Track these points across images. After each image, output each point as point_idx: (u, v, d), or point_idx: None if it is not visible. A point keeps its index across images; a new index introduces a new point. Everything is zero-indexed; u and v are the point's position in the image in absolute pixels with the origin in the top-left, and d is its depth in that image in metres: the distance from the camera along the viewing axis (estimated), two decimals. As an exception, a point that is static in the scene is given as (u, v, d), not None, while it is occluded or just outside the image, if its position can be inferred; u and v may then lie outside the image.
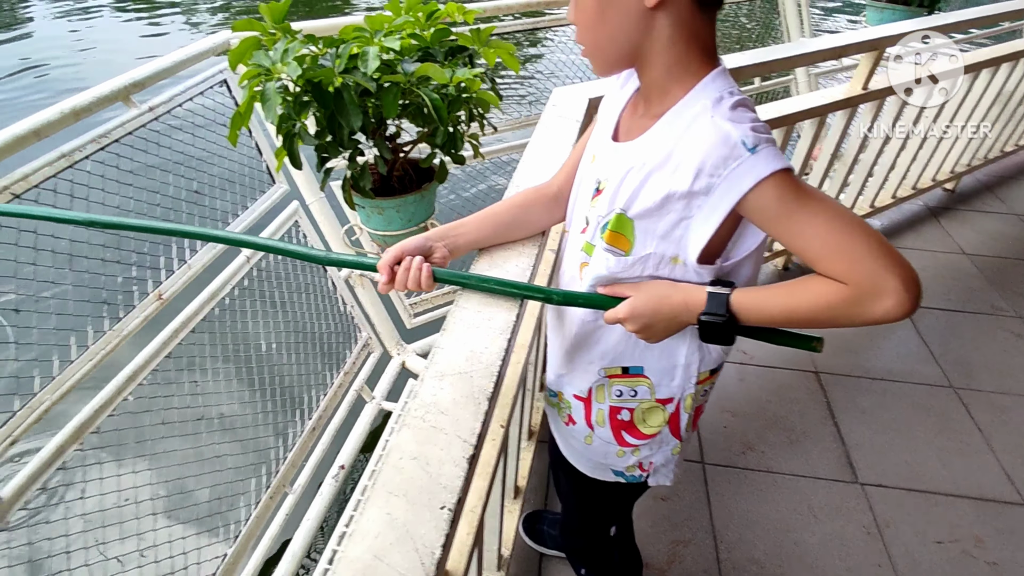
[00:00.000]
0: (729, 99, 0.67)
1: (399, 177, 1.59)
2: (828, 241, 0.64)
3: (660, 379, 0.87)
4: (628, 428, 0.94)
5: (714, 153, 0.64)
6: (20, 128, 1.20)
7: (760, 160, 0.63)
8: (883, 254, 0.63)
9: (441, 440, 0.54)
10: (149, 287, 1.40)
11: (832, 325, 0.67)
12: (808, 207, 0.64)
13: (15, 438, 1.11)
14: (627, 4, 0.66)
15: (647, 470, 0.99)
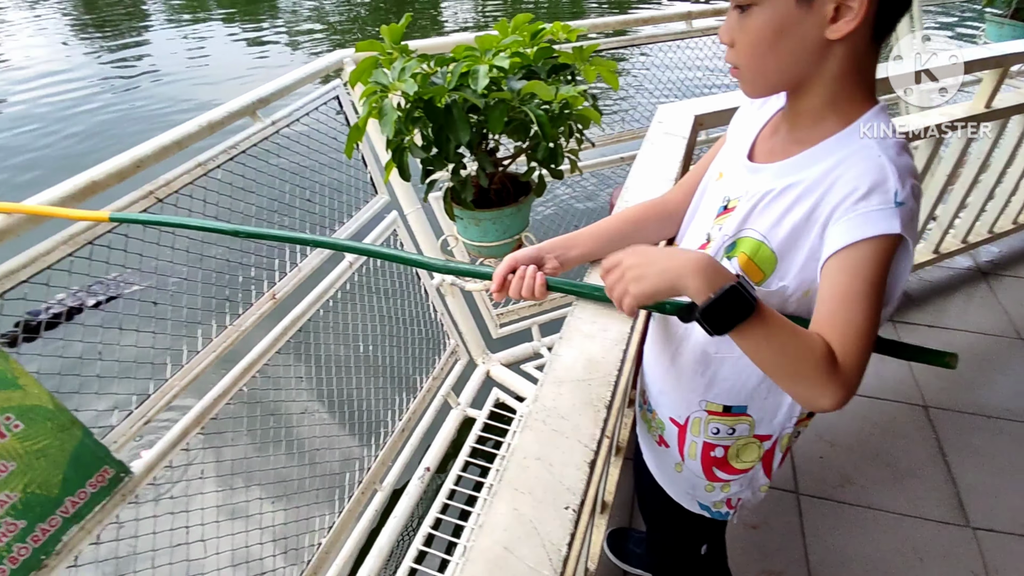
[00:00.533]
0: (894, 141, 0.66)
1: (497, 190, 1.63)
2: (848, 316, 0.63)
3: (763, 416, 0.85)
4: (720, 464, 0.92)
5: (870, 192, 0.64)
6: (166, 139, 1.33)
7: (895, 216, 0.63)
8: (865, 356, 0.63)
9: (563, 444, 0.56)
10: (265, 287, 1.51)
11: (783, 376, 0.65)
12: (869, 282, 0.63)
13: (148, 419, 1.22)
14: (805, 34, 0.64)
15: (734, 507, 0.97)
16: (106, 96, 6.46)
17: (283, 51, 7.84)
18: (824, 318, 0.65)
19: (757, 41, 0.67)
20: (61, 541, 1.06)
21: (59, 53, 8.10)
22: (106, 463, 1.12)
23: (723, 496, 0.96)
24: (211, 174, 1.45)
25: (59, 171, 1.13)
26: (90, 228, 1.16)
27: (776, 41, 0.66)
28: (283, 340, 1.52)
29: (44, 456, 1.04)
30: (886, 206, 0.63)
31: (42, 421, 1.05)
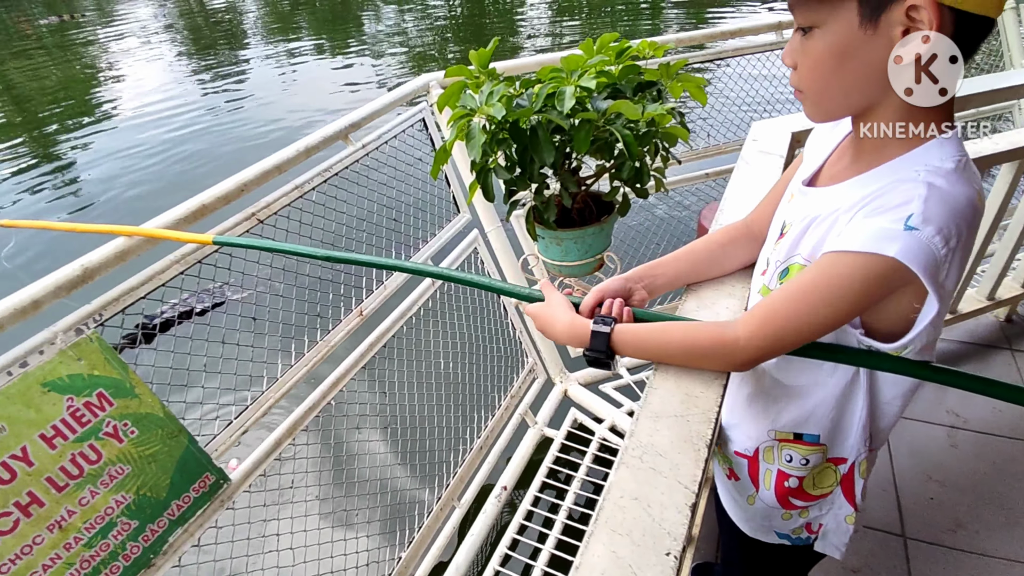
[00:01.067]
0: (951, 170, 0.61)
1: (579, 209, 1.62)
2: (781, 307, 0.67)
3: (834, 440, 0.83)
4: (796, 494, 0.88)
5: (885, 209, 0.61)
6: (267, 164, 1.41)
7: (896, 239, 0.59)
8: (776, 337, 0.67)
9: (661, 484, 0.53)
10: (352, 304, 1.56)
11: (681, 363, 0.74)
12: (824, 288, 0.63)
13: (246, 429, 1.28)
14: (871, 57, 0.61)
15: (815, 532, 0.92)
16: (207, 117, 6.99)
17: (369, 72, 8.21)
18: (762, 300, 0.70)
19: (819, 64, 0.65)
20: (167, 542, 1.12)
21: (168, 77, 8.88)
22: (208, 470, 1.19)
23: (802, 522, 0.92)
24: (307, 196, 1.53)
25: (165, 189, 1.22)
26: (199, 249, 1.24)
27: (839, 65, 0.63)
28: (369, 355, 1.57)
29: (155, 461, 1.12)
30: (891, 226, 0.59)
31: (154, 428, 1.12)
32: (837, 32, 0.62)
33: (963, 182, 0.61)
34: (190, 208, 1.24)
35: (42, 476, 0.99)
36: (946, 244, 0.59)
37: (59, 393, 1.02)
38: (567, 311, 0.82)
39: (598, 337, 0.76)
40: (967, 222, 0.60)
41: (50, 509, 0.99)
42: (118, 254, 1.14)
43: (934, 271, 0.60)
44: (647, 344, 0.75)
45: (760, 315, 0.69)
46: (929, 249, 0.58)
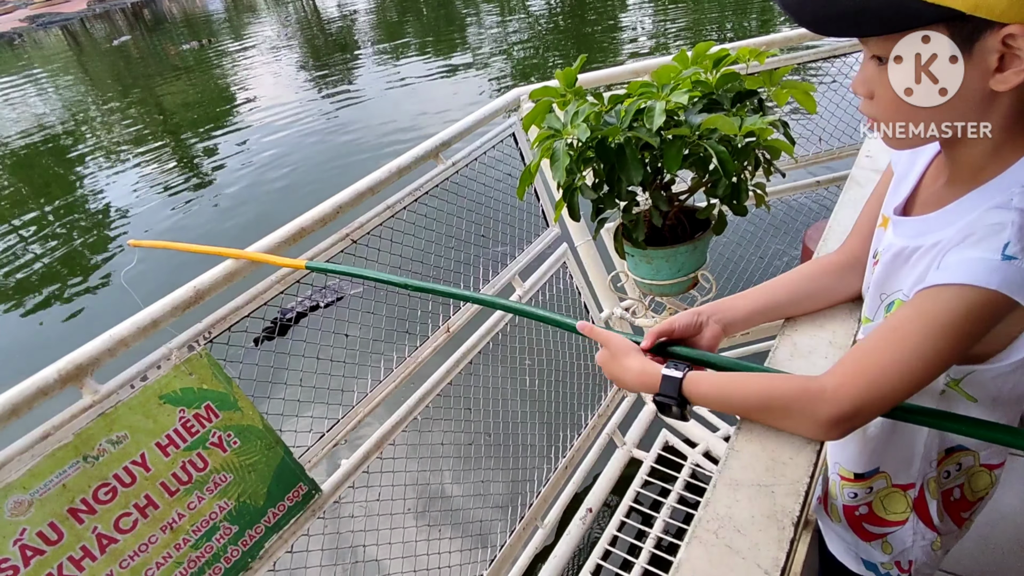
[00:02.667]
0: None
1: (671, 226, 1.55)
2: (876, 350, 0.61)
3: (897, 469, 0.79)
4: (869, 519, 0.84)
5: (980, 240, 0.57)
6: (361, 186, 1.46)
7: (995, 270, 0.55)
8: (875, 384, 0.60)
9: (739, 567, 0.48)
10: (440, 320, 1.59)
11: (760, 419, 0.67)
12: (927, 327, 0.58)
13: (336, 442, 1.34)
14: (967, 87, 0.57)
15: (907, 570, 0.84)
16: (321, 130, 7.49)
17: (472, 85, 8.40)
18: (854, 346, 0.65)
19: (896, 95, 0.60)
20: (264, 547, 1.20)
21: (290, 92, 9.58)
22: (301, 480, 1.25)
23: (889, 557, 0.84)
24: (398, 215, 1.57)
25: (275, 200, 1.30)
26: (297, 270, 1.31)
27: None
28: (455, 372, 1.59)
29: (254, 470, 1.19)
30: (988, 256, 0.56)
31: (254, 439, 1.20)
32: None
33: None
34: (290, 232, 1.31)
35: (157, 481, 1.08)
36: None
37: (173, 405, 1.11)
38: (634, 355, 0.78)
39: (668, 382, 0.71)
40: None
41: (164, 511, 1.08)
42: (226, 276, 1.22)
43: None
44: (723, 394, 0.69)
45: (850, 360, 0.62)
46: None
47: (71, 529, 0.99)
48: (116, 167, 7.73)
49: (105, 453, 1.03)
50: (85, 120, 10.60)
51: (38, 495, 0.97)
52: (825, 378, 0.63)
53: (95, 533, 1.01)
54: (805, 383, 0.64)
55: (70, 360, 1.04)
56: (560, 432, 1.80)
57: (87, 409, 1.03)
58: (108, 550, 1.02)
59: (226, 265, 1.23)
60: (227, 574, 1.15)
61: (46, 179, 7.98)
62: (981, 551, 1.33)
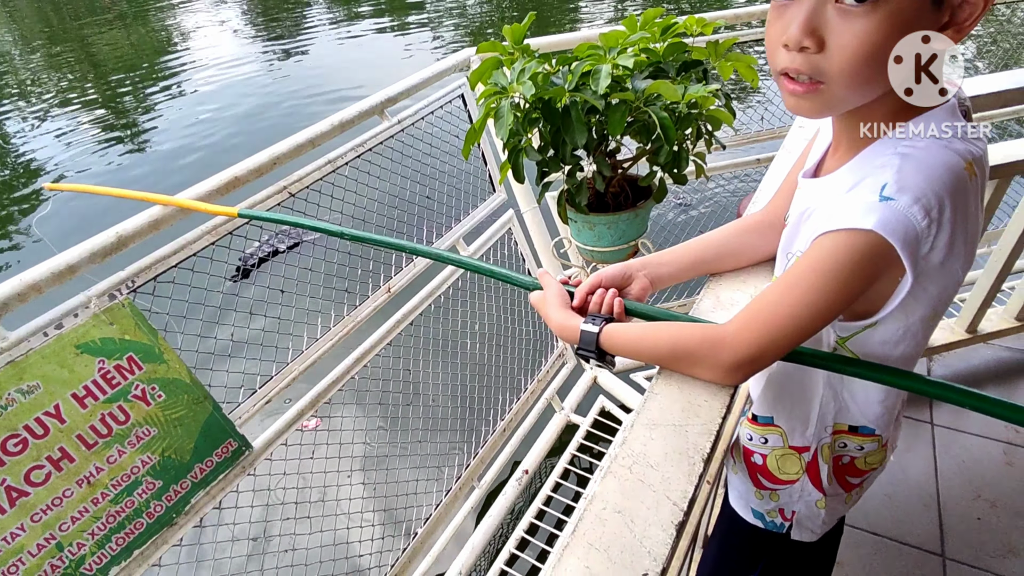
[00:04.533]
0: (935, 140, 0.57)
1: (614, 194, 1.57)
2: (770, 300, 0.63)
3: (792, 427, 0.82)
4: (763, 472, 0.88)
5: (859, 184, 0.58)
6: (300, 138, 1.41)
7: (873, 211, 0.55)
8: (768, 332, 0.62)
9: (648, 498, 0.50)
10: (381, 281, 1.56)
11: (670, 366, 0.70)
12: (808, 272, 0.60)
13: (270, 399, 1.31)
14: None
15: (789, 519, 0.90)
16: (267, 85, 7.18)
17: (424, 47, 8.19)
18: (755, 297, 0.66)
19: (873, 49, 0.54)
20: (190, 503, 1.17)
21: (235, 44, 9.12)
22: (231, 436, 1.22)
23: (774, 505, 0.90)
24: (340, 171, 1.53)
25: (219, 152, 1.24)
26: (230, 220, 1.26)
27: (891, 48, 0.55)
28: (395, 332, 1.57)
29: (180, 425, 1.16)
30: (867, 198, 0.56)
31: (180, 393, 1.16)
32: (905, 12, 0.53)
33: (949, 151, 0.57)
34: (222, 180, 1.26)
35: (73, 433, 1.03)
36: (927, 215, 0.55)
37: (91, 355, 1.06)
38: (559, 306, 0.79)
39: (586, 337, 0.74)
40: (949, 190, 0.55)
41: (80, 465, 1.04)
42: (151, 223, 1.16)
43: (913, 244, 0.56)
44: (636, 345, 0.71)
45: (749, 309, 0.65)
46: (907, 219, 0.55)
47: (-25, 481, 0.94)
48: (45, 118, 7.20)
49: (14, 403, 0.98)
50: (9, 68, 9.79)
51: (-63, 445, 0.91)
52: (726, 326, 0.65)
53: (3, 486, 0.96)
54: (708, 331, 0.67)
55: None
56: (499, 396, 1.82)
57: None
58: (18, 503, 0.98)
59: (152, 211, 1.17)
60: (150, 529, 1.12)
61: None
62: (886, 508, 1.43)
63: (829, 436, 0.80)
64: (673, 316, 0.73)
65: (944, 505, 1.47)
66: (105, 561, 1.06)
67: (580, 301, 0.80)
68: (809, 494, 0.85)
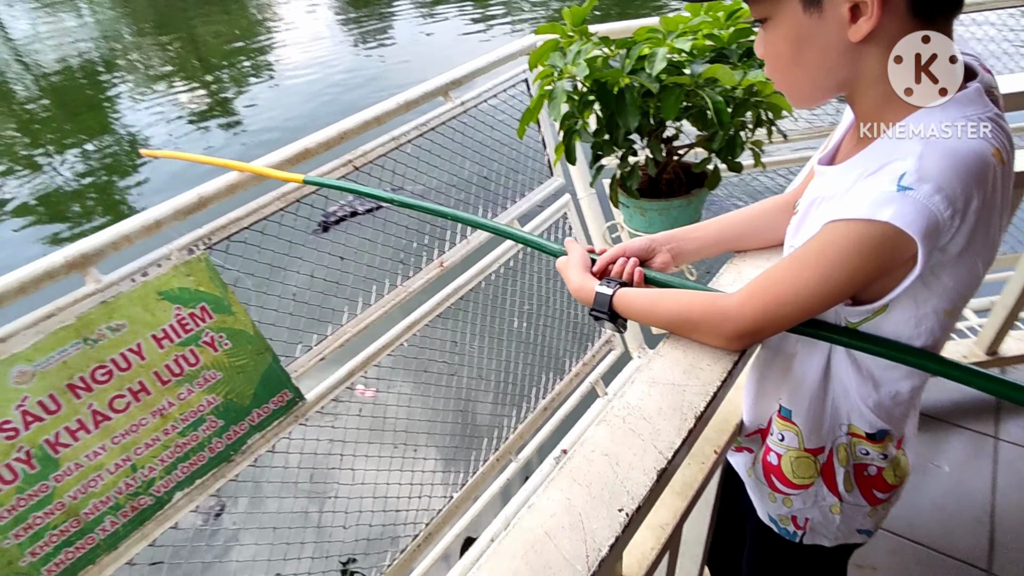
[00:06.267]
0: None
1: (668, 180, 1.56)
2: (774, 277, 0.64)
3: (808, 426, 0.80)
4: (777, 473, 0.85)
5: (877, 172, 0.58)
6: (367, 114, 1.49)
7: (891, 202, 0.54)
8: (769, 306, 0.63)
9: (636, 445, 0.53)
10: (435, 255, 1.63)
11: (677, 331, 0.72)
12: (817, 257, 0.60)
13: (323, 356, 1.40)
14: (827, 40, 0.60)
15: (802, 527, 0.87)
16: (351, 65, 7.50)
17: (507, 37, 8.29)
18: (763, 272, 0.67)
19: (777, 55, 0.66)
20: (246, 443, 1.28)
21: (324, 31, 9.58)
22: (286, 387, 1.32)
23: (787, 511, 0.87)
24: (403, 148, 1.60)
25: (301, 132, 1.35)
26: (298, 188, 1.36)
27: (797, 53, 0.63)
28: (445, 305, 1.64)
29: (242, 372, 1.27)
30: (884, 187, 0.55)
31: (244, 343, 1.27)
32: (787, 22, 0.62)
33: (974, 139, 0.55)
34: (294, 151, 1.36)
35: (151, 370, 1.16)
36: (950, 205, 0.53)
37: (170, 302, 1.18)
38: (580, 270, 0.82)
39: (600, 298, 0.76)
40: (976, 178, 0.53)
41: (155, 398, 1.16)
42: (228, 187, 1.28)
43: (934, 235, 0.54)
44: (646, 309, 0.74)
45: (755, 284, 0.65)
46: (928, 210, 0.53)
47: (69, 402, 1.07)
48: (148, 97, 7.84)
49: (104, 338, 1.11)
50: (121, 50, 10.70)
51: (40, 368, 1.05)
52: (732, 297, 0.67)
53: (90, 409, 1.09)
54: (715, 300, 0.68)
55: (76, 248, 1.10)
56: (543, 375, 1.85)
57: (89, 296, 1.10)
58: (101, 426, 1.11)
59: (229, 176, 1.28)
60: (211, 462, 1.23)
61: (78, 105, 8.12)
62: (935, 518, 1.36)
63: (845, 436, 0.78)
64: (691, 285, 0.75)
65: (998, 521, 1.38)
66: (172, 486, 1.19)
67: (601, 268, 0.83)
68: (824, 499, 0.83)
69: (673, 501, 0.71)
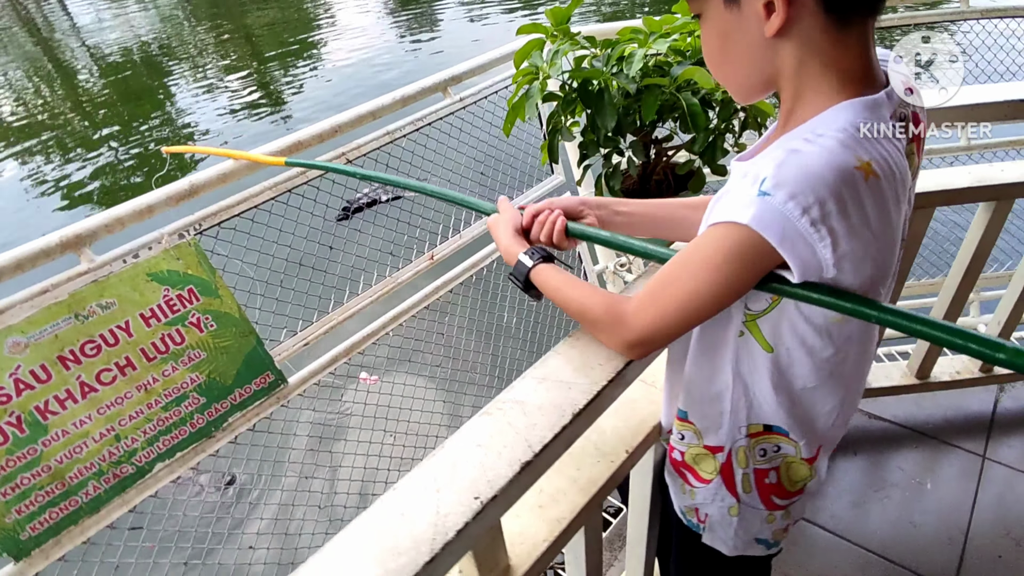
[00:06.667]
0: (838, 134, 0.55)
1: (658, 181, 1.56)
2: (663, 281, 0.65)
3: (706, 425, 0.82)
4: (684, 467, 0.88)
5: (743, 179, 0.59)
6: (363, 109, 1.53)
7: (750, 206, 0.56)
8: (660, 316, 0.64)
9: (509, 437, 0.55)
10: (425, 248, 1.67)
11: (579, 322, 0.75)
12: (690, 262, 0.62)
13: (308, 342, 1.46)
14: (748, 36, 0.62)
15: (703, 521, 0.89)
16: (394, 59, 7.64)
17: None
18: (657, 272, 0.68)
19: (709, 52, 0.69)
20: (227, 421, 1.34)
21: (372, 23, 9.78)
22: (269, 369, 1.38)
23: (692, 503, 0.89)
24: (399, 143, 1.64)
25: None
26: (292, 177, 1.41)
27: (724, 48, 0.66)
28: (433, 298, 1.67)
29: (226, 353, 1.33)
30: (748, 192, 0.57)
31: (229, 325, 1.33)
32: (712, 18, 0.65)
33: (840, 149, 0.55)
34: (287, 143, 1.41)
35: (137, 346, 1.23)
36: (805, 213, 0.54)
37: (159, 283, 1.25)
38: (510, 230, 0.83)
39: (519, 266, 0.80)
40: (831, 190, 0.54)
41: (140, 373, 1.23)
42: (220, 176, 1.33)
43: (795, 240, 0.55)
44: (554, 295, 0.76)
45: (648, 290, 0.67)
46: (783, 215, 0.54)
47: (59, 373, 1.15)
48: (202, 85, 8.16)
49: (94, 315, 1.18)
50: (179, 40, 11.15)
51: (33, 340, 1.13)
52: (629, 303, 0.68)
53: (79, 380, 1.17)
54: (614, 304, 0.70)
55: (71, 229, 1.18)
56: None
57: (82, 275, 1.18)
58: (88, 397, 1.18)
59: (222, 165, 1.34)
60: (192, 436, 1.30)
61: (137, 91, 8.52)
62: (909, 535, 1.32)
63: (744, 438, 0.78)
64: (619, 241, 0.75)
65: (971, 540, 1.32)
66: (152, 457, 1.26)
67: (528, 219, 0.83)
68: (723, 499, 0.84)
69: (575, 497, 0.72)
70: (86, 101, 8.08)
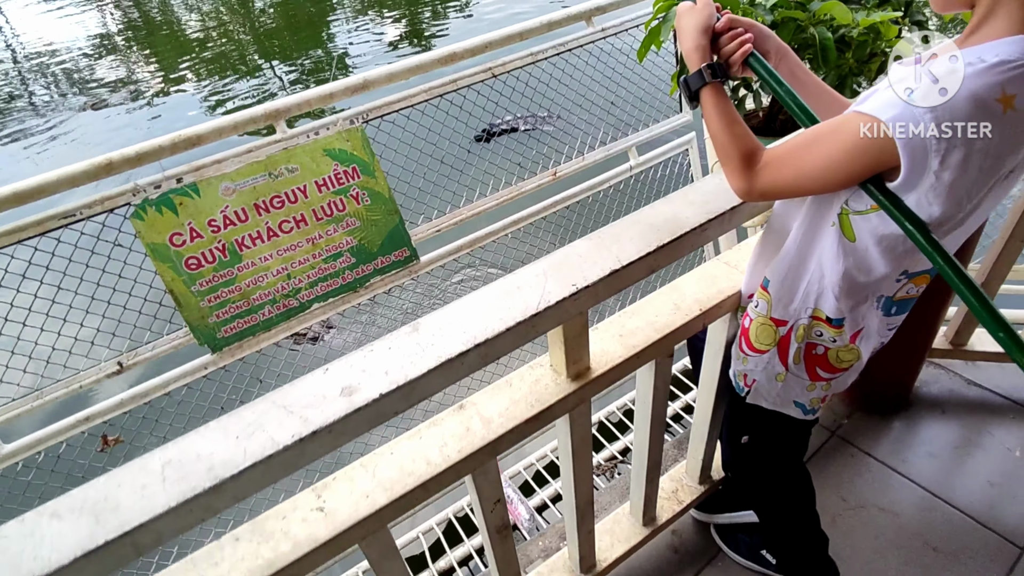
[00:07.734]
0: (992, 61, 0.60)
1: (783, 121, 1.60)
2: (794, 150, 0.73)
3: (779, 297, 0.89)
4: (745, 336, 0.97)
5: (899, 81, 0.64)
6: (511, 30, 1.69)
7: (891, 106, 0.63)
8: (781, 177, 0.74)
9: (604, 254, 0.70)
10: (550, 165, 1.83)
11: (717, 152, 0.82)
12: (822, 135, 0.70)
13: (440, 229, 1.68)
14: None
15: (749, 385, 1.00)
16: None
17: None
18: (795, 137, 0.76)
19: None
20: (369, 281, 1.61)
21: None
22: (406, 246, 1.63)
23: (742, 368, 0.99)
24: (539, 64, 1.79)
25: None
26: (452, 81, 1.61)
27: None
28: (552, 209, 1.84)
29: (375, 225, 1.59)
30: (894, 95, 0.63)
31: (380, 203, 1.58)
32: None
33: (990, 76, 0.59)
34: (444, 53, 1.61)
35: (311, 207, 1.51)
36: (937, 126, 0.60)
37: (331, 159, 1.51)
38: (698, 30, 0.84)
39: (694, 79, 0.83)
40: (967, 115, 0.59)
41: (310, 228, 1.52)
42: (388, 75, 1.57)
43: (917, 147, 0.61)
44: (710, 118, 0.82)
45: (781, 150, 0.75)
46: (917, 123, 0.61)
47: (253, 217, 1.46)
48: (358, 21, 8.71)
49: (282, 175, 1.47)
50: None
51: (239, 187, 1.43)
52: (764, 156, 0.77)
53: (266, 225, 1.47)
54: (751, 153, 0.78)
55: (271, 105, 1.46)
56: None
57: (276, 143, 1.46)
58: (272, 240, 1.48)
59: (389, 67, 1.58)
60: (342, 288, 1.58)
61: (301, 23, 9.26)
62: (983, 491, 1.32)
63: (807, 318, 0.86)
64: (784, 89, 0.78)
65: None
66: (312, 297, 1.55)
67: (724, 26, 0.85)
68: (774, 367, 0.93)
69: (650, 333, 0.87)
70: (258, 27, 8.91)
